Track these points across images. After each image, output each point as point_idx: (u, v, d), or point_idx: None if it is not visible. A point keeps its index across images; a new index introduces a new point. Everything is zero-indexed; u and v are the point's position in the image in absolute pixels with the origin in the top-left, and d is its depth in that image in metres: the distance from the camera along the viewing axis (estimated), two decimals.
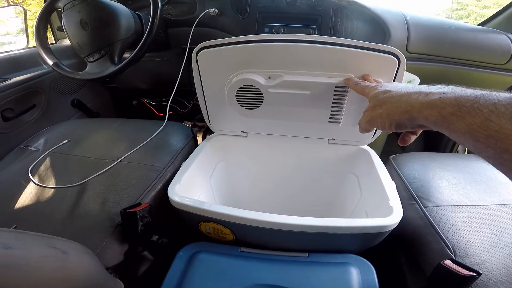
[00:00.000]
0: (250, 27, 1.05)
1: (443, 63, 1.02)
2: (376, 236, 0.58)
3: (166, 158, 0.80)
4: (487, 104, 0.29)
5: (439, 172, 0.77)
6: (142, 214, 0.57)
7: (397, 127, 0.42)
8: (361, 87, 0.55)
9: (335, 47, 0.60)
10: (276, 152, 0.86)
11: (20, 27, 1.34)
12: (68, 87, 1.28)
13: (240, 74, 0.67)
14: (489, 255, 0.55)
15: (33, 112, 1.13)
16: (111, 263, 0.57)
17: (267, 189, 0.91)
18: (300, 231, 0.55)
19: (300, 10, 1.03)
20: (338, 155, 0.83)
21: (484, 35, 1.03)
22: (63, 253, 0.39)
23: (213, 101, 0.77)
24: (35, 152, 0.87)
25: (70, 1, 0.90)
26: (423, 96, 0.36)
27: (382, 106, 0.44)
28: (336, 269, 0.55)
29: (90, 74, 0.93)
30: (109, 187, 0.70)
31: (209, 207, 0.58)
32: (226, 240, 0.63)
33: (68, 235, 0.52)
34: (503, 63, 1.01)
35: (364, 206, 0.72)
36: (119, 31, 0.91)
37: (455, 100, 0.32)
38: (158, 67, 1.27)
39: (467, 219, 0.63)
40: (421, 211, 0.66)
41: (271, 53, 0.63)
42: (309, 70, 0.64)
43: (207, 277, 0.54)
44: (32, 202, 0.69)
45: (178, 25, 1.12)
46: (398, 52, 0.60)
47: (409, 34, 0.98)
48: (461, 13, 5.55)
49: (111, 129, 0.97)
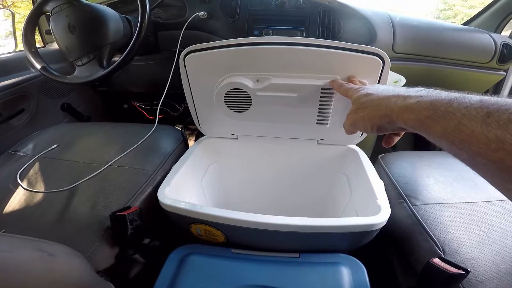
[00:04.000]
0: (240, 29, 1.06)
1: (428, 63, 1.04)
2: (365, 235, 0.58)
3: (156, 161, 0.80)
4: (460, 107, 0.29)
5: (427, 170, 0.78)
6: (132, 217, 0.57)
7: (379, 130, 0.43)
8: (345, 89, 0.55)
9: (320, 49, 0.60)
10: (267, 154, 0.86)
11: (9, 30, 1.33)
12: (58, 91, 1.27)
13: (228, 77, 0.67)
14: (477, 253, 0.56)
15: (21, 116, 1.12)
16: (101, 266, 0.57)
17: (258, 190, 0.92)
18: (291, 231, 0.55)
19: (288, 12, 1.04)
20: (328, 156, 0.83)
21: (468, 35, 1.05)
22: (50, 255, 0.39)
23: (202, 104, 0.77)
24: (24, 157, 0.86)
25: (58, 5, 0.89)
26: (402, 99, 0.37)
27: (364, 109, 0.44)
28: (327, 269, 0.56)
29: (78, 78, 0.92)
30: (99, 191, 0.70)
31: (199, 209, 0.58)
32: (218, 241, 0.63)
33: (57, 239, 0.52)
34: (486, 61, 1.03)
35: (354, 205, 0.73)
36: (108, 34, 0.91)
37: (431, 104, 0.32)
38: (149, 70, 1.26)
39: (455, 216, 0.63)
40: (409, 210, 0.67)
41: (258, 56, 0.64)
42: (296, 73, 0.64)
43: (199, 279, 0.54)
44: (21, 207, 0.68)
45: (168, 28, 1.12)
46: (382, 53, 0.60)
47: (395, 34, 1.00)
48: (448, 13, 5.64)
49: (101, 133, 0.97)
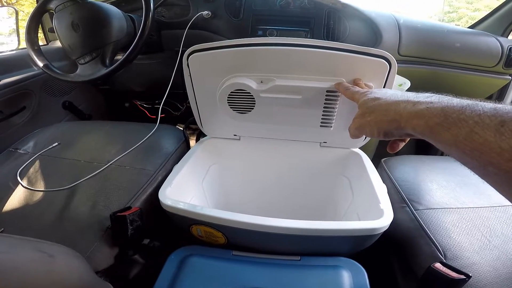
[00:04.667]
0: (244, 30, 1.05)
1: (434, 66, 1.03)
2: (367, 239, 0.58)
3: (158, 161, 0.80)
4: (472, 115, 0.28)
5: (430, 175, 0.78)
6: (132, 218, 0.57)
7: (385, 135, 0.42)
8: (351, 92, 0.54)
9: (326, 51, 0.60)
10: (269, 155, 0.86)
11: (12, 28, 1.32)
12: (60, 89, 1.26)
13: (232, 78, 0.67)
14: (479, 258, 0.55)
15: (23, 114, 1.11)
16: (101, 267, 0.57)
17: (260, 192, 0.91)
18: (292, 234, 0.55)
19: (293, 13, 1.03)
20: (330, 158, 0.83)
21: (474, 38, 1.04)
22: (50, 256, 0.39)
23: (205, 104, 0.77)
24: (24, 155, 0.85)
25: (62, 3, 0.89)
26: (411, 105, 0.36)
27: (371, 114, 0.44)
28: (328, 272, 0.55)
29: (80, 76, 0.92)
30: (99, 191, 0.69)
31: (200, 210, 0.57)
32: (218, 243, 0.63)
33: (57, 238, 0.52)
34: (492, 65, 1.02)
35: (356, 208, 0.72)
36: (111, 33, 0.91)
37: (442, 111, 0.31)
38: (151, 70, 1.26)
39: (457, 221, 0.63)
40: (411, 214, 0.67)
41: (262, 57, 0.63)
42: (301, 74, 0.64)
43: (199, 280, 0.54)
44: (20, 206, 0.68)
45: (172, 28, 1.12)
46: (389, 56, 0.60)
47: (401, 37, 0.99)
48: (453, 15, 5.62)
49: (102, 131, 0.96)
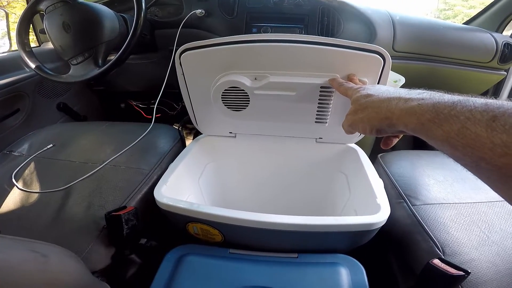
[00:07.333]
0: (238, 27, 1.05)
1: (429, 62, 1.03)
2: (364, 234, 0.57)
3: (153, 160, 0.79)
4: (463, 110, 0.28)
5: (427, 170, 0.78)
6: (127, 217, 0.56)
7: (378, 133, 0.42)
8: (345, 88, 0.54)
9: (320, 47, 0.59)
10: (265, 152, 0.85)
11: (4, 30, 1.32)
12: (54, 91, 1.26)
13: (225, 75, 0.66)
14: (477, 254, 0.55)
15: (17, 116, 1.11)
16: (97, 267, 0.56)
17: (256, 189, 0.91)
18: (289, 230, 0.54)
19: (287, 10, 1.03)
20: (326, 154, 0.83)
21: (469, 34, 1.04)
22: (44, 256, 0.38)
23: (199, 102, 0.76)
24: (19, 157, 0.85)
25: (52, 4, 0.88)
26: (403, 102, 0.36)
27: (363, 111, 0.43)
28: (326, 270, 0.55)
29: (73, 77, 0.91)
30: (95, 191, 0.69)
31: (196, 208, 0.57)
32: (215, 241, 0.62)
33: (53, 239, 0.52)
34: (487, 61, 1.03)
35: (353, 204, 0.72)
36: (103, 33, 0.90)
37: (433, 107, 0.31)
38: (146, 69, 1.25)
39: (455, 217, 0.63)
40: (409, 210, 0.66)
41: (256, 54, 0.63)
42: (295, 71, 0.63)
43: (196, 279, 0.54)
44: (16, 207, 0.67)
45: (165, 27, 1.11)
46: (383, 51, 0.59)
47: (395, 33, 0.99)
48: (448, 13, 5.63)
49: (97, 132, 0.96)
